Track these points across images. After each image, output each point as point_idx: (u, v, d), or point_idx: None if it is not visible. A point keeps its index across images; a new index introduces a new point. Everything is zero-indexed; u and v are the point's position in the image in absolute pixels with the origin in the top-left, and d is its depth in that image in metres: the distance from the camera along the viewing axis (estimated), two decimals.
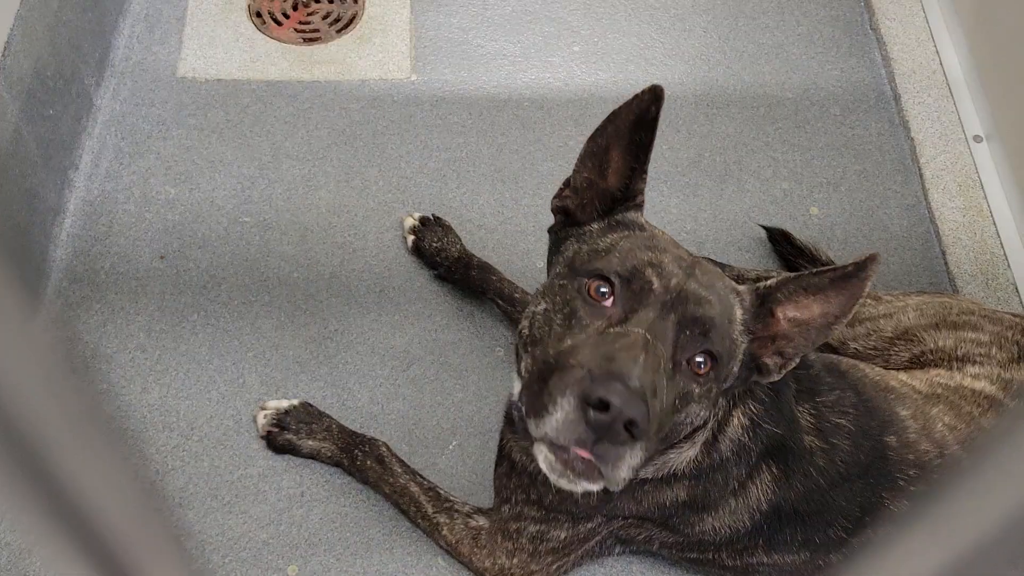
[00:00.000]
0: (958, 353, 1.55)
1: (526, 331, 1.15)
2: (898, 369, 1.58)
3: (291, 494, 1.61)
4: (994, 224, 2.02)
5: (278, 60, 2.14)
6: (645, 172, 1.18)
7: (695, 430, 1.23)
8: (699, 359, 1.07)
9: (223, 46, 2.14)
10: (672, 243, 1.16)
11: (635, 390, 0.96)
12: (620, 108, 1.14)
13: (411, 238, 1.86)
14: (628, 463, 1.00)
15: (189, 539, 1.55)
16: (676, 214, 2.00)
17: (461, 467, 1.67)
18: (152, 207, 1.88)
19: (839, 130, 2.17)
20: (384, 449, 1.58)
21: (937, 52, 2.28)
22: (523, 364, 1.14)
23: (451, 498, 1.55)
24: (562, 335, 1.08)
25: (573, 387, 0.98)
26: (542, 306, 1.14)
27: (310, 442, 1.61)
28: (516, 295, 1.75)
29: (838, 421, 1.34)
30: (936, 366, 1.56)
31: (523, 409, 1.06)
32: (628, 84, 2.18)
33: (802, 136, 2.15)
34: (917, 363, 1.59)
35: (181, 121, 2.01)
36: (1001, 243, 1.99)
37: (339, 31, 2.20)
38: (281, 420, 1.62)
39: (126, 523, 0.29)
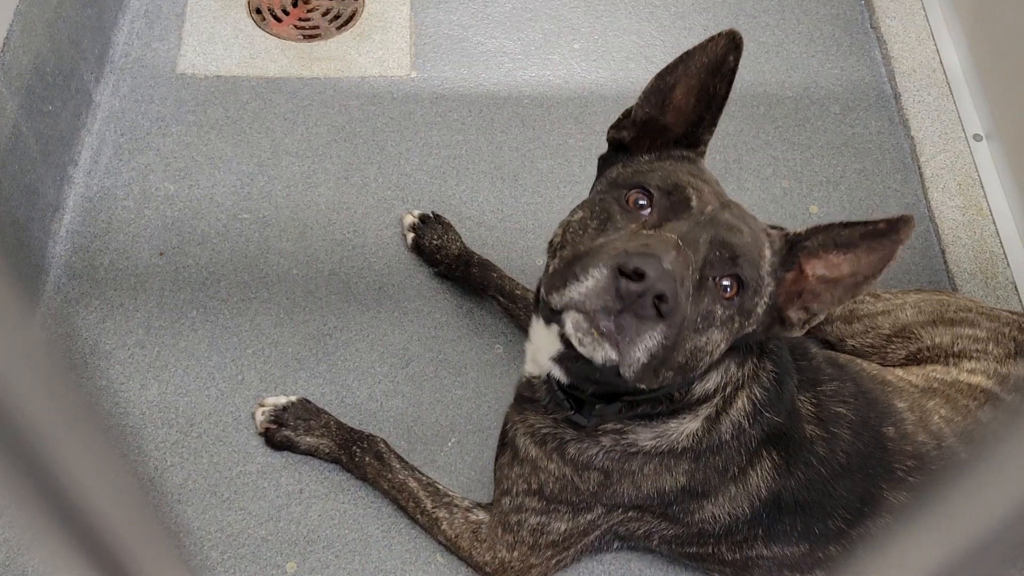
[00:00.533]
0: (955, 349, 1.56)
1: (558, 238, 1.16)
2: (895, 365, 1.59)
3: (290, 491, 1.61)
4: (993, 223, 2.02)
5: (278, 57, 2.13)
6: (715, 125, 1.18)
7: (701, 402, 1.23)
8: (726, 282, 1.08)
9: (223, 42, 2.14)
10: (717, 182, 1.18)
11: (667, 271, 0.97)
12: (694, 49, 1.13)
13: (411, 236, 1.86)
14: (646, 343, 1.01)
15: (187, 535, 1.55)
16: None
17: (460, 464, 1.67)
18: (151, 203, 1.88)
19: (839, 128, 2.17)
20: (382, 445, 1.58)
21: (937, 51, 2.28)
22: (549, 266, 1.15)
23: (450, 493, 1.55)
24: (595, 236, 1.09)
25: (608, 259, 1.00)
26: (579, 215, 1.15)
27: (308, 439, 1.61)
28: (517, 291, 1.75)
29: (838, 410, 1.35)
30: (933, 362, 1.56)
31: (545, 290, 1.07)
32: (628, 82, 2.18)
33: (802, 134, 2.15)
34: (914, 360, 1.59)
35: (180, 117, 2.01)
36: (1000, 242, 1.99)
37: (339, 28, 2.20)
38: (279, 417, 1.62)
39: (123, 519, 0.29)
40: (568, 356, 1.18)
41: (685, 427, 1.27)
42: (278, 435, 1.61)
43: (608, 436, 1.29)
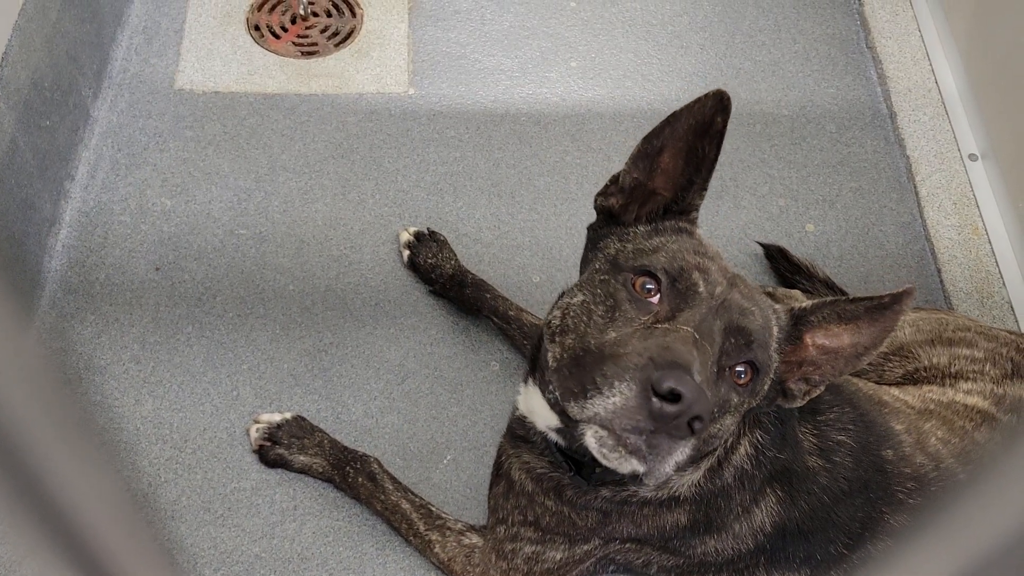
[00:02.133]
0: (952, 370, 1.55)
1: (557, 321, 1.11)
2: (891, 384, 1.58)
3: (284, 508, 1.60)
4: (989, 242, 2.02)
5: (276, 73, 2.14)
6: (704, 188, 1.14)
7: (703, 456, 1.22)
8: (740, 368, 1.05)
9: (221, 59, 2.14)
10: (720, 255, 1.15)
11: (700, 388, 0.91)
12: (680, 111, 1.09)
13: (406, 253, 1.86)
14: (675, 458, 0.96)
15: (181, 552, 1.54)
16: None
17: (455, 481, 1.66)
18: (148, 218, 1.88)
19: (835, 148, 2.18)
20: (375, 466, 1.57)
21: (932, 70, 2.29)
22: (551, 354, 1.09)
23: (443, 515, 1.54)
24: (604, 327, 1.04)
25: (635, 373, 0.93)
26: (579, 298, 1.10)
27: (301, 457, 1.60)
28: (511, 312, 1.75)
29: (839, 438, 1.34)
30: (929, 383, 1.56)
31: (557, 393, 1.02)
32: (625, 100, 2.19)
33: (798, 153, 2.16)
34: (910, 379, 1.59)
35: (178, 133, 2.01)
36: (996, 261, 1.99)
37: (337, 45, 2.21)
38: (273, 434, 1.62)
39: (115, 535, 0.28)
40: (571, 433, 1.13)
41: (687, 478, 1.26)
42: (272, 453, 1.61)
43: (607, 488, 1.27)
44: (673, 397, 0.90)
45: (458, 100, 2.15)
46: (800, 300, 1.77)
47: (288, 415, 1.64)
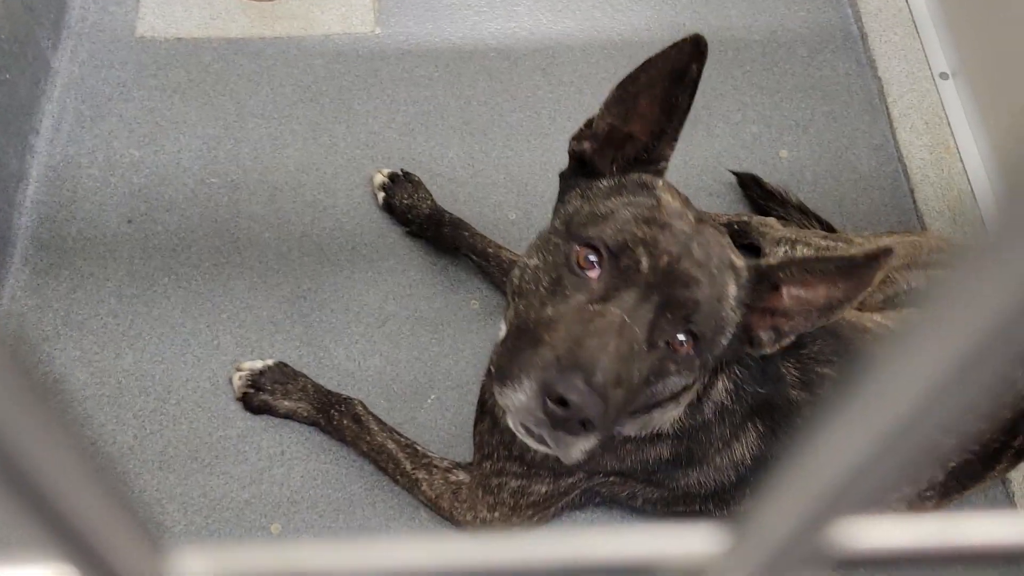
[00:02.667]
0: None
1: (516, 281, 1.13)
2: (872, 311, 1.60)
3: (271, 453, 1.61)
4: (961, 161, 2.03)
5: (238, 17, 2.10)
6: (675, 139, 1.13)
7: (678, 393, 1.24)
8: (680, 337, 1.06)
9: (182, 4, 2.09)
10: (679, 212, 1.11)
11: (596, 386, 0.96)
12: (656, 56, 1.07)
13: (381, 195, 1.85)
14: (580, 447, 1.03)
15: (170, 501, 1.56)
16: None
17: (440, 421, 1.68)
18: (117, 170, 1.86)
19: (807, 71, 2.17)
20: (360, 407, 1.58)
21: None
22: (506, 316, 1.14)
23: (429, 454, 1.56)
24: (545, 300, 1.07)
25: (538, 372, 0.99)
26: (534, 261, 1.12)
27: (286, 402, 1.61)
28: (489, 250, 1.75)
29: (823, 371, 1.35)
30: (910, 306, 1.58)
31: (493, 370, 1.06)
32: (595, 32, 2.16)
33: (770, 79, 2.14)
34: (891, 304, 1.61)
35: (142, 82, 1.98)
36: (968, 179, 2.01)
37: None
38: (256, 381, 1.62)
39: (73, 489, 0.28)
40: None
41: (668, 415, 1.27)
42: (256, 399, 1.61)
43: None
44: (562, 402, 0.96)
45: (426, 38, 2.12)
46: (776, 228, 1.78)
47: (270, 362, 1.65)
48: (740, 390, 1.28)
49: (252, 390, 1.62)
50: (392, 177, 1.86)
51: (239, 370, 1.64)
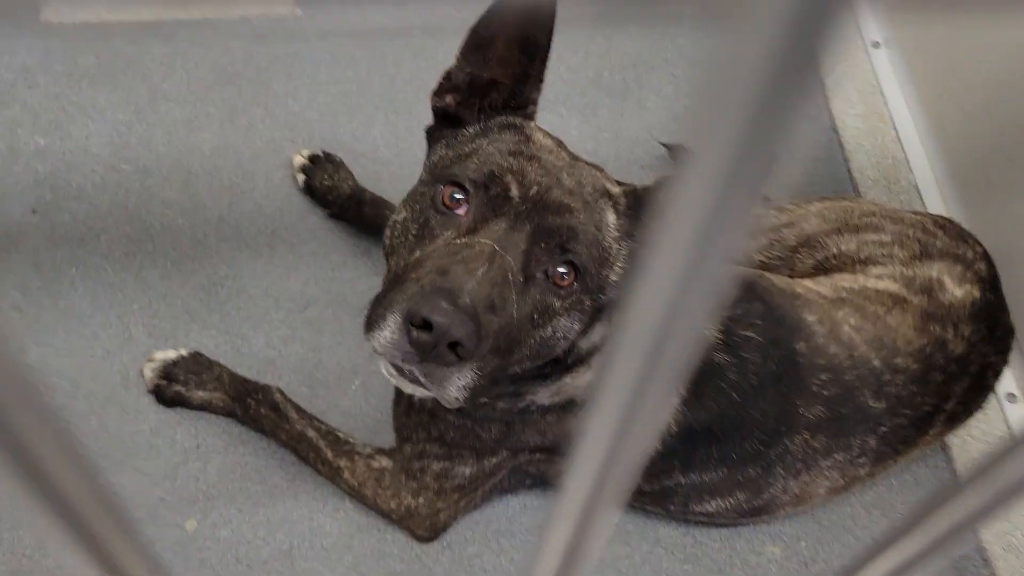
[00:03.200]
0: (861, 256, 1.54)
1: (387, 240, 1.10)
2: (803, 276, 1.56)
3: (186, 447, 1.54)
4: (894, 128, 2.01)
5: (151, 0, 2.01)
6: (541, 80, 1.08)
7: (591, 353, 1.19)
8: (561, 270, 1.02)
9: None
10: (550, 147, 1.09)
11: (463, 307, 0.91)
12: None
13: (301, 177, 1.78)
14: (457, 383, 0.97)
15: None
16: (576, 136, 1.95)
17: (366, 406, 1.61)
18: (20, 159, 1.77)
19: None
20: (278, 395, 1.51)
21: None
22: (386, 275, 1.09)
23: (351, 440, 1.49)
24: (414, 246, 1.03)
25: (401, 304, 0.94)
26: (402, 215, 1.08)
27: (200, 393, 1.53)
28: None
29: (746, 334, 1.31)
30: (840, 271, 1.54)
31: (363, 323, 1.02)
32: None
33: (702, 51, 2.11)
34: (822, 269, 1.57)
35: (48, 68, 1.89)
36: (902, 147, 1.98)
37: None
38: (169, 372, 1.54)
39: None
40: None
41: (581, 380, 1.23)
42: (169, 391, 1.54)
43: (503, 399, 1.25)
44: (426, 326, 0.91)
45: (348, 17, 2.06)
46: None
47: (184, 352, 1.57)
48: None
49: (165, 382, 1.54)
50: (312, 159, 1.80)
51: (151, 361, 1.56)
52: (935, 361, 1.37)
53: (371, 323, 0.99)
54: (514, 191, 1.01)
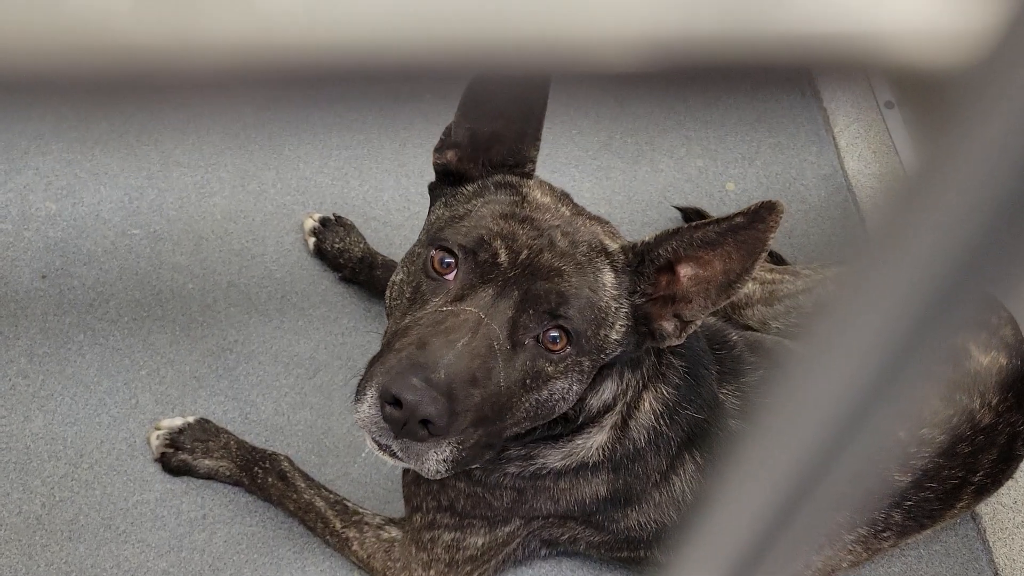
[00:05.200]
0: None
1: (387, 301, 1.10)
2: None
3: (192, 517, 1.50)
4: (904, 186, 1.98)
5: None
6: (538, 139, 1.08)
7: (603, 413, 1.16)
8: (553, 334, 1.00)
9: None
10: (546, 206, 1.06)
11: (436, 384, 0.91)
12: None
13: (312, 240, 1.77)
14: (434, 457, 0.97)
15: (80, 575, 1.44)
16: (589, 198, 1.93)
17: (376, 475, 1.58)
18: (31, 224, 1.77)
19: (751, 104, 2.13)
20: (286, 464, 1.48)
21: None
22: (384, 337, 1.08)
23: (360, 510, 1.45)
24: (406, 310, 1.03)
25: (378, 378, 0.95)
26: (400, 276, 1.08)
27: (207, 461, 1.50)
28: None
29: (765, 402, 1.28)
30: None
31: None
32: None
33: (714, 112, 2.10)
34: None
35: (61, 134, 1.90)
36: None
37: None
38: (175, 440, 1.51)
39: None
40: None
41: (593, 440, 1.20)
42: (175, 459, 1.51)
43: (513, 464, 1.22)
44: (397, 402, 0.91)
45: (358, 83, 2.06)
46: None
47: (191, 419, 1.54)
48: (674, 413, 1.19)
49: (171, 450, 1.51)
50: (323, 221, 1.79)
51: (157, 429, 1.53)
52: (962, 432, 1.33)
53: (356, 395, 0.99)
54: (503, 257, 1.00)
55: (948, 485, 1.34)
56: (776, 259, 1.79)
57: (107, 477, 1.52)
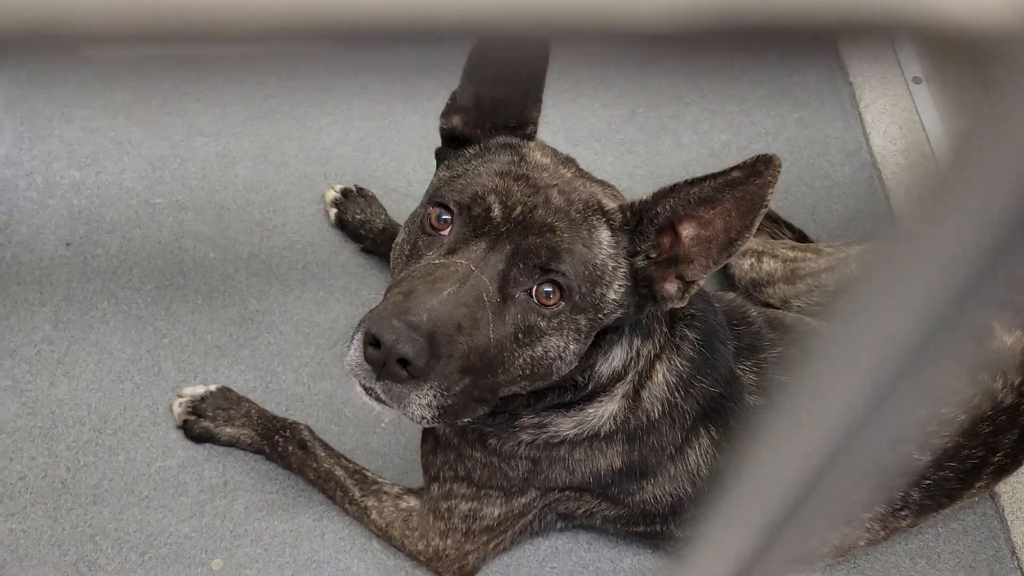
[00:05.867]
0: None
1: (391, 262, 1.12)
2: None
3: (214, 484, 1.52)
4: (937, 166, 1.96)
5: None
6: (539, 100, 1.08)
7: (614, 381, 1.16)
8: (547, 289, 1.01)
9: None
10: (544, 165, 1.07)
11: (414, 324, 0.92)
12: None
13: (333, 211, 1.77)
14: (417, 401, 0.98)
15: (104, 538, 1.46)
16: (612, 172, 1.92)
17: (395, 445, 1.59)
18: (56, 193, 1.78)
19: (776, 78, 2.10)
20: (306, 433, 1.49)
21: None
22: None
23: (379, 480, 1.47)
24: (403, 266, 1.05)
25: (364, 323, 0.97)
26: (401, 236, 1.10)
27: (228, 429, 1.52)
28: None
29: (783, 378, 1.27)
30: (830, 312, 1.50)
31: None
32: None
33: (739, 87, 2.08)
34: None
35: (85, 102, 1.90)
36: None
37: None
38: (197, 407, 1.53)
39: None
40: None
41: (604, 409, 1.20)
42: (197, 427, 1.52)
43: (527, 432, 1.22)
44: (377, 343, 0.94)
45: (382, 52, 2.05)
46: None
47: (213, 387, 1.56)
48: (689, 386, 1.19)
49: (193, 417, 1.53)
50: (345, 192, 1.79)
51: (180, 396, 1.55)
52: (983, 411, 1.32)
53: (347, 343, 1.02)
54: (496, 212, 1.00)
55: (967, 465, 1.33)
56: (800, 236, 1.78)
57: (130, 443, 1.54)
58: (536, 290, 1.00)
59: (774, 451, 0.26)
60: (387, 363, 0.94)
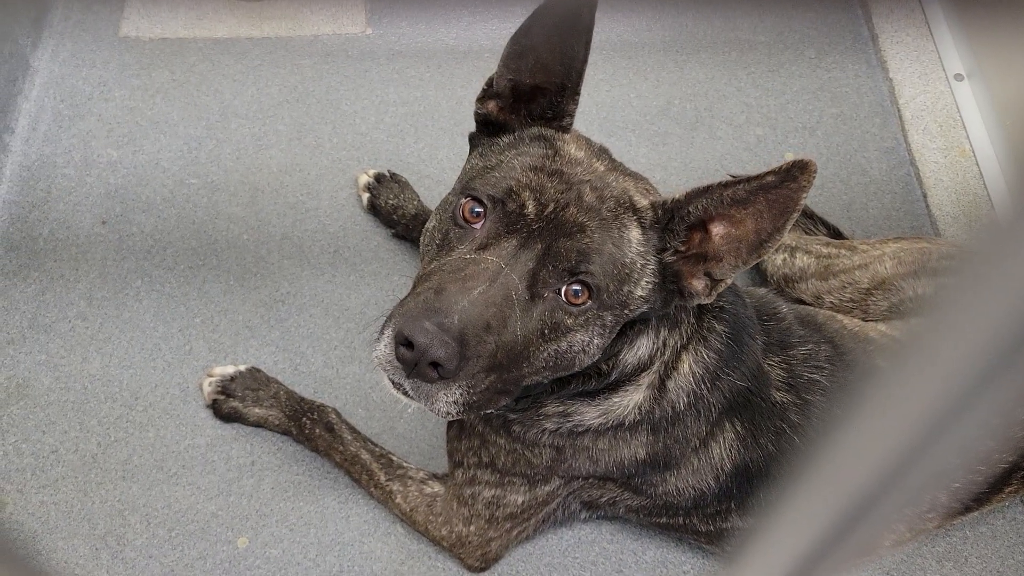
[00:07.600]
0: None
1: (421, 248, 1.10)
2: (877, 320, 1.50)
3: (241, 463, 1.53)
4: (976, 164, 1.93)
5: (226, 16, 2.04)
6: (577, 93, 1.06)
7: (639, 371, 1.15)
8: (575, 288, 1.00)
9: (168, 3, 2.05)
10: (579, 160, 1.05)
11: (447, 328, 0.93)
12: (546, 3, 1.02)
13: (366, 196, 1.78)
14: (445, 399, 0.99)
15: (132, 513, 1.48)
16: (645, 164, 1.91)
17: (421, 430, 1.59)
18: (93, 171, 1.80)
19: (815, 73, 2.08)
20: (333, 416, 1.50)
21: None
22: None
23: (404, 464, 1.47)
24: (434, 256, 1.04)
25: (396, 319, 0.97)
26: (432, 223, 1.09)
27: (256, 410, 1.53)
28: None
29: (811, 376, 1.26)
30: (917, 315, 1.48)
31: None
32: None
33: (776, 80, 2.06)
34: (897, 312, 1.51)
35: (124, 82, 1.92)
36: (984, 183, 1.90)
37: None
38: (227, 387, 1.54)
39: None
40: None
41: (629, 399, 1.19)
42: (226, 406, 1.54)
43: (551, 420, 1.22)
44: (409, 344, 0.94)
45: (418, 38, 2.06)
46: None
47: (242, 367, 1.57)
48: (715, 378, 1.18)
49: (222, 396, 1.54)
50: (378, 178, 1.79)
51: (210, 376, 1.56)
52: (1016, 416, 1.30)
53: (378, 335, 1.01)
54: (530, 208, 1.00)
55: (998, 469, 1.32)
56: (834, 233, 1.76)
57: (160, 420, 1.56)
58: (565, 289, 1.00)
59: (837, 463, 0.26)
60: (419, 364, 0.94)
